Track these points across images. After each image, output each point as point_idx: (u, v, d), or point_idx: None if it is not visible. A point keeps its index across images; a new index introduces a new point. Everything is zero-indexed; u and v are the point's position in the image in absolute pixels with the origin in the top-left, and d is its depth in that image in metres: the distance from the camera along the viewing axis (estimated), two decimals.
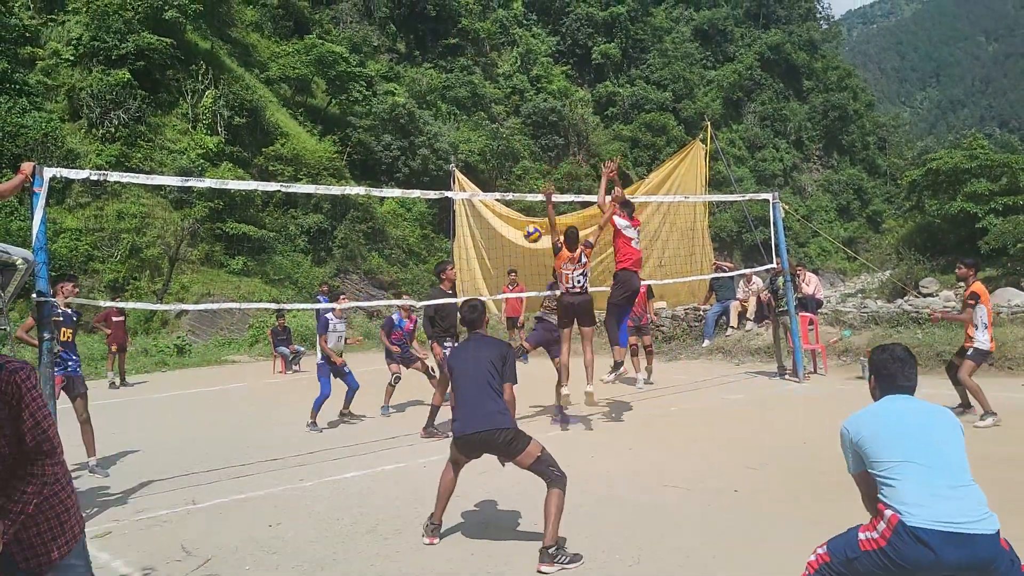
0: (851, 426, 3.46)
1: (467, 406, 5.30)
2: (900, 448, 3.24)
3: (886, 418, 3.39)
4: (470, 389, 5.34)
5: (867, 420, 3.42)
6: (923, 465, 3.19)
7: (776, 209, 12.27)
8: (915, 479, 3.15)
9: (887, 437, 3.30)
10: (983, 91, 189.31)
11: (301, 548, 5.41)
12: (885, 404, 3.49)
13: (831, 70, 77.16)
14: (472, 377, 5.36)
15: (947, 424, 3.37)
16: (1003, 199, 30.42)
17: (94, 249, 23.23)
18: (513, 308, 17.17)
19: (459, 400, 5.40)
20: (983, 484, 5.85)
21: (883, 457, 3.25)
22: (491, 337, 5.86)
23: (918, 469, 3.17)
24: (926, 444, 3.25)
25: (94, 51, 27.03)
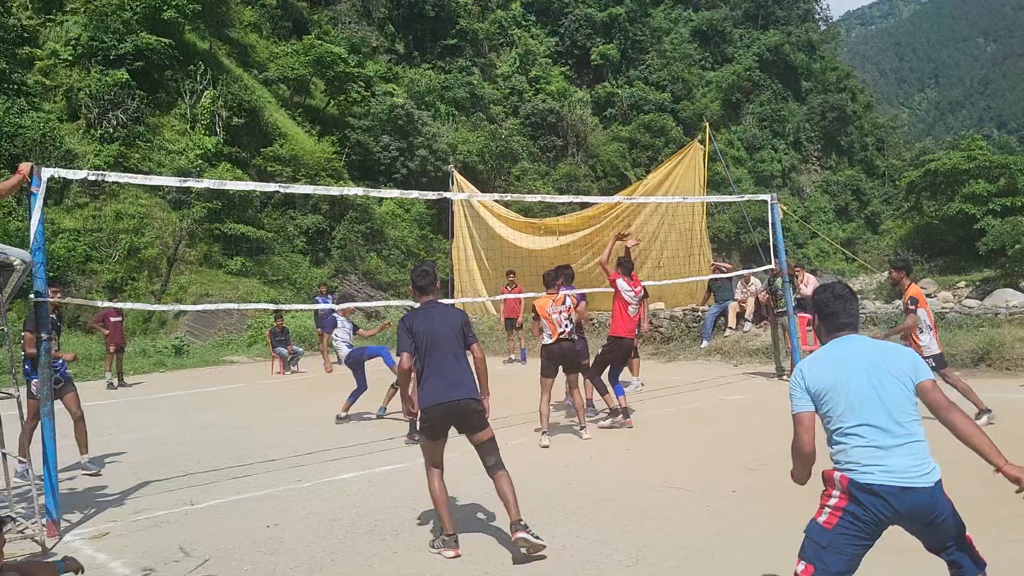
0: (809, 373, 3.50)
1: (443, 375, 5.29)
2: (859, 412, 3.34)
3: (846, 370, 3.43)
4: (443, 358, 5.33)
5: (826, 371, 3.46)
6: (877, 427, 3.32)
7: (774, 210, 12.27)
8: (869, 439, 3.31)
9: (847, 399, 3.38)
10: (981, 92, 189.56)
11: (299, 549, 5.40)
12: (839, 350, 3.55)
13: (830, 71, 77.20)
14: (442, 344, 5.35)
15: (899, 369, 3.43)
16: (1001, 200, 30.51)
17: (92, 249, 23.20)
18: (512, 309, 17.17)
19: (431, 368, 5.32)
20: (977, 484, 5.86)
21: (842, 419, 3.38)
22: (447, 305, 5.87)
23: (872, 431, 3.32)
24: (881, 406, 3.35)
25: (92, 51, 27.01)
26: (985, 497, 5.84)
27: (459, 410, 5.29)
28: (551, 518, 5.80)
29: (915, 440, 3.37)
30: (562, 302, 8.73)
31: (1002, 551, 4.77)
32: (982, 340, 11.79)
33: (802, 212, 58.36)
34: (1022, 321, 12.86)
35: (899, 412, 3.36)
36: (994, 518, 5.39)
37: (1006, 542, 4.90)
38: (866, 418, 3.33)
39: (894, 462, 3.28)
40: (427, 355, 5.34)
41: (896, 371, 3.42)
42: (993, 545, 4.87)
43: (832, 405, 3.41)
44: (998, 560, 4.61)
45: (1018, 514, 5.43)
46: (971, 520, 5.31)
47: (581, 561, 4.90)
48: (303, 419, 10.77)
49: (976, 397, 8.28)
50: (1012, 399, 9.71)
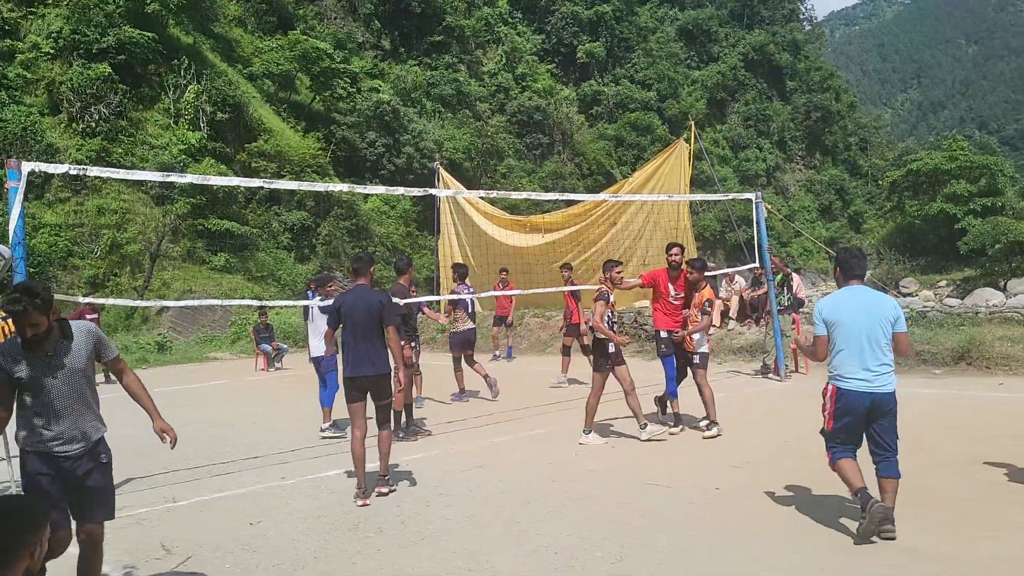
0: (826, 309, 5.25)
1: (356, 352, 6.41)
2: (855, 340, 5.06)
3: (850, 312, 5.12)
4: (358, 337, 6.41)
5: (839, 308, 5.19)
6: (862, 350, 5.04)
7: (759, 209, 12.32)
8: (855, 358, 5.06)
9: (847, 330, 5.10)
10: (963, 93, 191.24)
11: (282, 546, 5.38)
12: (849, 294, 5.23)
13: (814, 71, 77.70)
14: (358, 325, 6.40)
15: (885, 318, 5.09)
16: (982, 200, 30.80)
17: (73, 245, 23.00)
18: (503, 307, 17.20)
19: (349, 345, 6.44)
20: (952, 484, 5.91)
21: (840, 342, 5.13)
22: (374, 289, 6.76)
23: (860, 352, 5.05)
24: (869, 337, 5.05)
25: (74, 45, 26.75)
26: (961, 494, 5.90)
27: (366, 383, 6.45)
28: (535, 515, 5.80)
29: (885, 364, 5.06)
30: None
31: (976, 547, 4.81)
32: (962, 339, 11.90)
33: (786, 211, 58.69)
34: (1002, 320, 13.00)
35: (878, 345, 5.05)
36: (969, 514, 5.43)
37: (980, 538, 4.95)
38: (858, 344, 5.06)
39: (868, 376, 5.03)
40: (348, 332, 6.45)
41: (883, 317, 5.08)
42: (968, 540, 4.92)
43: (837, 332, 5.13)
44: (972, 556, 4.66)
45: (992, 511, 5.49)
46: (946, 517, 5.37)
47: (565, 558, 4.91)
48: (287, 416, 10.72)
49: (713, 409, 8.37)
50: (992, 397, 9.80)
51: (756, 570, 4.64)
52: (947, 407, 9.20)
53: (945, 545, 4.86)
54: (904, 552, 4.77)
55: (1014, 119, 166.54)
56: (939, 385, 10.75)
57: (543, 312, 19.48)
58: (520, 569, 4.78)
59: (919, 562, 4.62)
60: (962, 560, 4.62)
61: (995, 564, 4.54)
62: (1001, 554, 4.68)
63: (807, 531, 5.25)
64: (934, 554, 4.72)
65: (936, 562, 4.60)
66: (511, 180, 42.39)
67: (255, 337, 18.05)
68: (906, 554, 4.74)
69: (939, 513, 5.49)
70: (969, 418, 8.58)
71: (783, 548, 4.95)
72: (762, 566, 4.68)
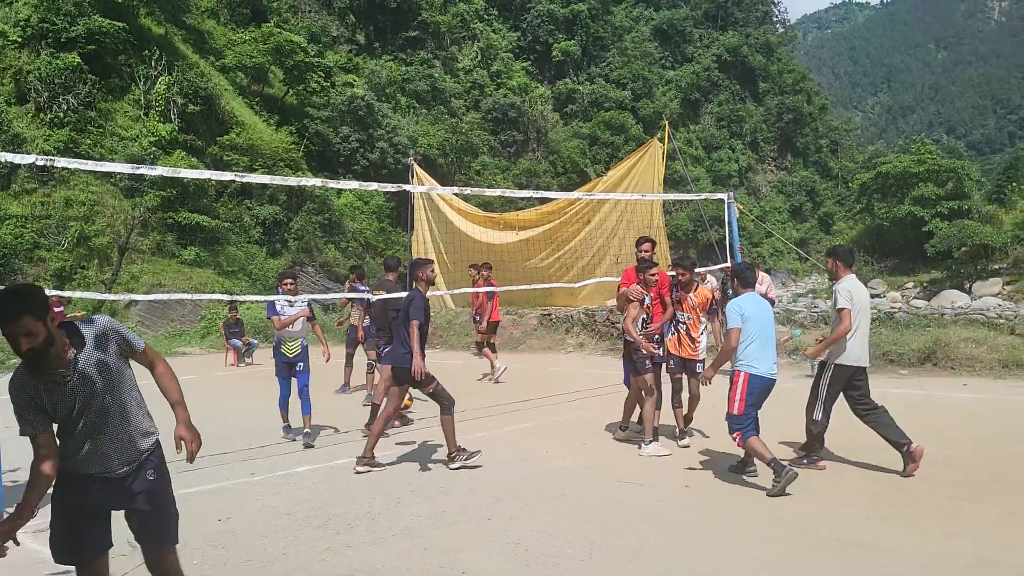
0: (745, 307, 6.40)
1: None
2: (760, 332, 6.38)
3: (757, 310, 6.44)
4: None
5: (750, 307, 6.42)
6: (765, 341, 6.40)
7: (731, 209, 12.44)
8: (760, 348, 6.36)
9: (755, 324, 6.36)
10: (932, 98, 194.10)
11: (251, 542, 5.34)
12: (752, 299, 6.55)
13: (786, 73, 78.44)
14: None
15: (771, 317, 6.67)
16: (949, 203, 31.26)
17: (40, 237, 22.62)
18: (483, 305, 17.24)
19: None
20: (924, 483, 6.00)
21: (751, 334, 6.35)
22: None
23: (762, 343, 6.38)
24: (768, 331, 6.46)
25: (43, 33, 26.27)
26: (931, 495, 5.99)
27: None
28: (507, 512, 5.81)
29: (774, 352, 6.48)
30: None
31: (946, 544, 4.89)
32: (928, 340, 12.09)
33: (758, 211, 59.23)
34: (967, 322, 13.21)
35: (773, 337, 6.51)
36: (939, 513, 5.52)
37: (956, 536, 5.03)
38: (763, 337, 6.39)
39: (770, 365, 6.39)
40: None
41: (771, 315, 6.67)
42: (938, 538, 5.00)
43: (750, 326, 6.34)
44: (952, 554, 4.74)
45: (966, 508, 5.58)
46: (918, 516, 5.45)
47: (536, 555, 4.92)
48: (257, 411, 10.63)
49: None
50: (957, 397, 9.97)
51: (726, 566, 4.68)
52: (915, 408, 9.32)
53: (918, 543, 4.93)
54: (877, 551, 4.84)
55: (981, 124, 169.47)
56: (906, 385, 10.91)
57: (516, 310, 19.51)
58: (491, 565, 4.79)
59: (893, 560, 4.69)
60: (929, 556, 4.70)
61: (978, 563, 4.62)
62: (981, 553, 4.76)
63: (774, 527, 5.31)
64: (907, 552, 4.79)
65: (907, 560, 4.67)
66: (485, 177, 42.36)
67: (225, 332, 17.89)
68: (878, 552, 4.81)
69: (911, 512, 5.57)
70: (937, 419, 8.72)
71: (752, 544, 5.00)
72: (731, 562, 4.73)
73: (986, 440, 7.56)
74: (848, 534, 5.14)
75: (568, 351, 16.83)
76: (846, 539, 5.04)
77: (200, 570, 4.88)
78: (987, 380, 10.94)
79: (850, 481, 6.42)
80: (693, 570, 4.65)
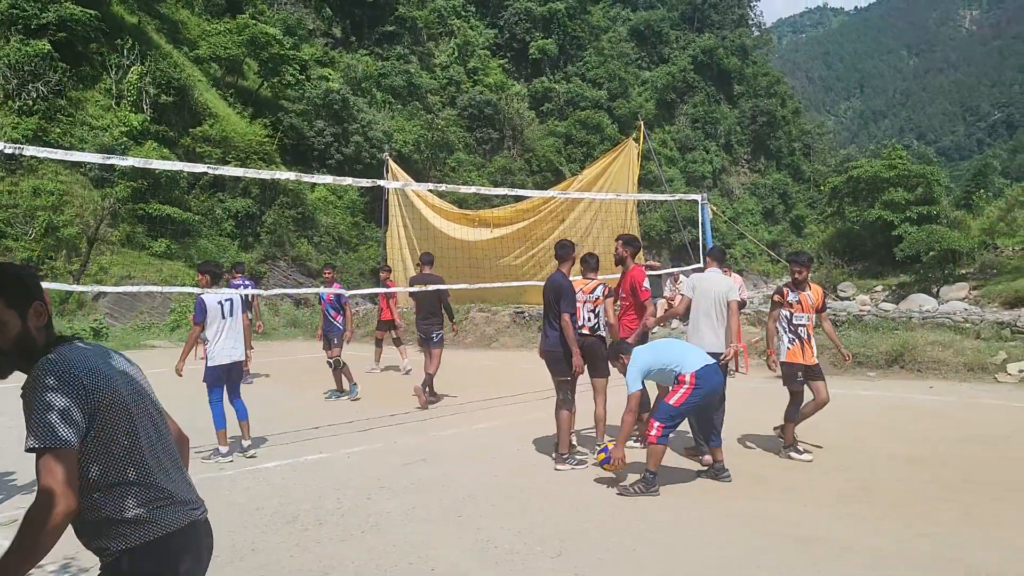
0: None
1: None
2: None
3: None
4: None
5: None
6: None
7: (704, 210, 12.53)
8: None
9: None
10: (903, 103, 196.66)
11: (219, 538, 5.27)
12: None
13: (761, 76, 79.06)
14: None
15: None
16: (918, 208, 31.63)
17: (7, 226, 22.24)
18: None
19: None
20: (889, 483, 6.09)
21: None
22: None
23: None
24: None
25: (12, 19, 25.81)
26: (896, 495, 6.08)
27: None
28: (477, 510, 5.82)
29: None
30: (591, 291, 7.46)
31: (914, 544, 4.97)
32: (896, 343, 12.26)
33: (731, 213, 59.69)
34: (934, 326, 13.42)
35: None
36: (902, 512, 5.61)
37: (916, 536, 5.11)
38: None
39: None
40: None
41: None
42: (898, 537, 5.08)
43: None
44: (909, 553, 4.82)
45: (929, 509, 5.67)
46: (883, 516, 5.53)
47: (505, 552, 4.93)
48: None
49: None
50: (922, 399, 10.12)
51: (691, 564, 4.72)
52: (883, 409, 9.48)
53: (882, 543, 5.01)
54: (843, 550, 4.91)
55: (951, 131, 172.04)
56: (874, 387, 11.06)
57: (488, 307, 19.52)
58: (461, 562, 4.80)
59: (857, 560, 4.75)
60: (898, 558, 4.77)
61: (930, 561, 4.70)
62: (938, 552, 4.84)
63: (743, 525, 5.37)
64: (871, 552, 4.86)
65: (873, 559, 4.74)
66: (460, 174, 42.29)
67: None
68: (846, 552, 4.87)
69: (877, 512, 5.65)
70: (904, 420, 8.85)
71: (725, 543, 5.05)
72: (700, 560, 4.77)
73: (952, 441, 7.69)
74: (809, 531, 5.20)
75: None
76: (805, 536, 5.10)
77: None
78: (952, 383, 11.12)
79: (817, 479, 6.50)
80: (661, 569, 4.69)
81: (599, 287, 7.51)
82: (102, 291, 20.34)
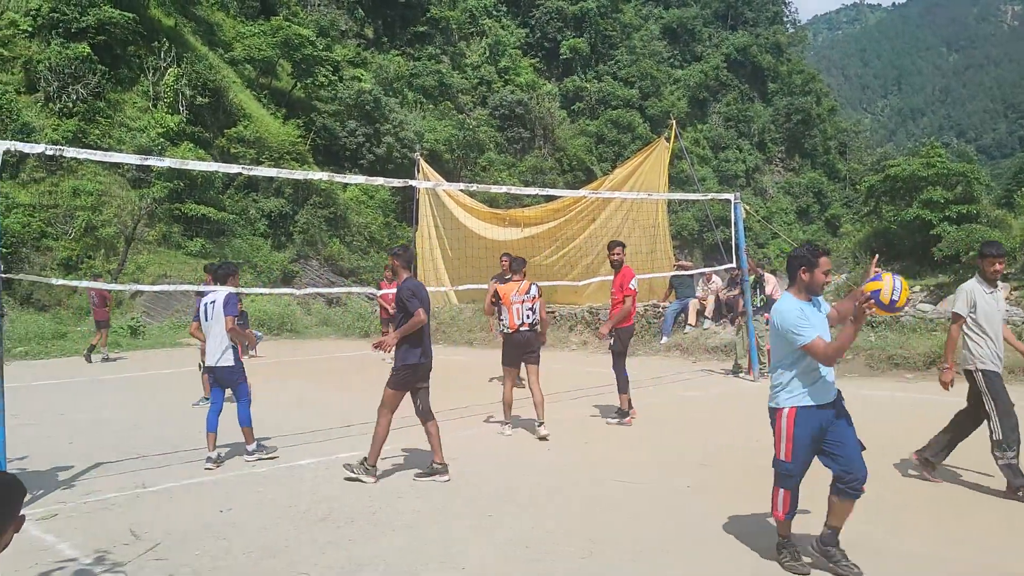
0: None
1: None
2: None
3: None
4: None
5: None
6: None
7: (737, 210, 12.41)
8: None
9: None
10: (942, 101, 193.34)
11: (252, 534, 5.36)
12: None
13: (796, 74, 78.08)
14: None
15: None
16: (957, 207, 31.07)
17: (48, 226, 22.71)
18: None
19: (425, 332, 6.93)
20: (921, 487, 5.98)
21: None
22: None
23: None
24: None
25: (53, 23, 26.36)
26: (933, 498, 5.98)
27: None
28: (504, 509, 5.83)
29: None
30: (526, 291, 8.48)
31: (949, 550, 4.89)
32: (935, 344, 12.04)
33: (764, 212, 59.06)
34: None
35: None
36: (941, 519, 5.52)
37: (952, 542, 5.03)
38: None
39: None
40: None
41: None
42: (942, 544, 4.99)
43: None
44: (945, 558, 4.74)
45: (965, 513, 5.57)
46: (918, 520, 5.44)
47: (535, 552, 4.93)
48: (258, 404, 10.62)
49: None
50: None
51: (721, 566, 4.69)
52: (920, 412, 9.31)
53: (916, 547, 4.93)
54: (875, 553, 4.84)
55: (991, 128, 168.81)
56: (909, 389, 10.89)
57: None
58: (490, 562, 4.80)
59: (889, 564, 4.69)
60: (933, 562, 4.70)
61: (965, 567, 4.62)
62: (971, 557, 4.76)
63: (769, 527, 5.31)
64: (904, 556, 4.79)
65: (907, 564, 4.67)
66: (491, 173, 42.34)
67: None
68: (877, 555, 4.81)
69: (910, 516, 5.57)
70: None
71: (753, 546, 5.00)
72: (729, 563, 4.73)
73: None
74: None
75: (571, 349, 16.84)
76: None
77: (202, 560, 4.90)
78: None
79: None
80: (692, 570, 4.66)
81: (533, 287, 8.53)
82: (139, 289, 20.66)
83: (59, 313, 21.00)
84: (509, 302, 8.41)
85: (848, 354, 12.63)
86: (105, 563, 4.88)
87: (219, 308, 7.78)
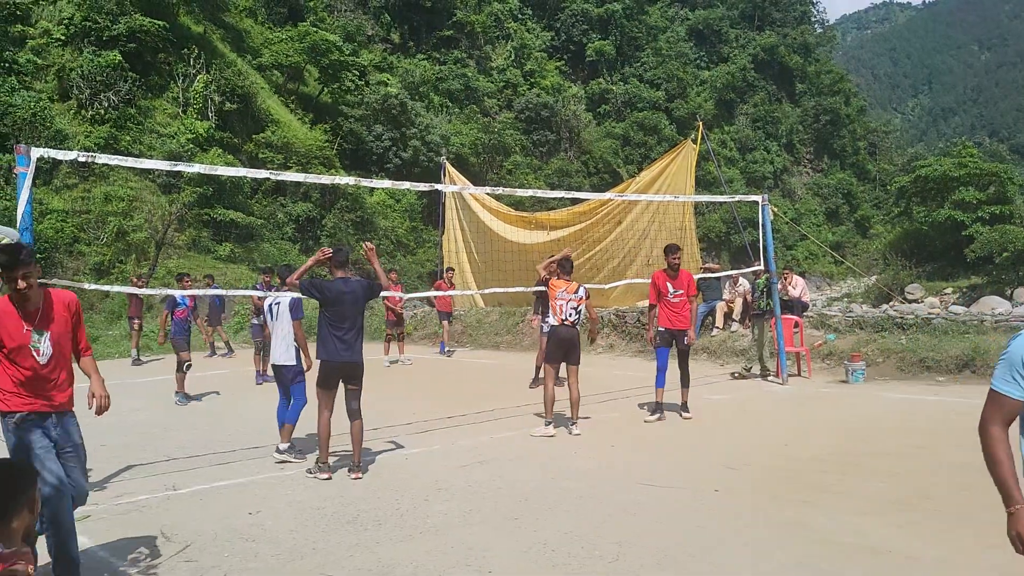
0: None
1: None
2: None
3: None
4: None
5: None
6: None
7: (765, 211, 12.32)
8: None
9: None
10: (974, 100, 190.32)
11: (280, 537, 5.40)
12: None
13: (824, 74, 77.29)
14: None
15: None
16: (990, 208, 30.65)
17: (80, 231, 23.06)
18: (445, 304, 17.62)
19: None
20: (954, 491, 5.88)
21: None
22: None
23: None
24: None
25: (85, 31, 26.81)
26: (962, 502, 5.89)
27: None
28: (533, 512, 5.82)
29: None
30: (574, 291, 8.71)
31: (984, 556, 4.80)
32: (967, 347, 11.85)
33: (792, 214, 58.52)
34: (1008, 329, 12.94)
35: None
36: (975, 524, 5.43)
37: (987, 548, 4.94)
38: None
39: None
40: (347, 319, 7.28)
41: None
42: (977, 550, 4.91)
43: None
44: (980, 565, 4.66)
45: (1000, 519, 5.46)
46: (945, 524, 5.35)
47: (562, 556, 4.91)
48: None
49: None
50: None
51: (751, 571, 4.64)
52: (951, 415, 9.17)
53: (949, 554, 4.86)
54: (902, 558, 4.77)
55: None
56: (943, 393, 10.73)
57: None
58: (517, 565, 4.80)
59: (917, 568, 4.62)
60: (960, 567, 4.62)
61: (993, 572, 4.54)
62: (1011, 567, 4.67)
63: (805, 534, 5.25)
64: (938, 562, 4.72)
65: (933, 568, 4.60)
66: (517, 177, 42.36)
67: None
68: (904, 560, 4.74)
69: (942, 522, 5.49)
70: (971, 427, 8.55)
71: (780, 550, 4.95)
72: (758, 568, 4.69)
73: None
74: (870, 541, 5.07)
75: (598, 352, 16.78)
76: (867, 545, 4.97)
77: (230, 562, 4.94)
78: None
79: (875, 487, 6.32)
80: (718, 574, 4.62)
81: (581, 288, 8.80)
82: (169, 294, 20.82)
83: (91, 318, 21.28)
84: (555, 297, 8.69)
85: (879, 357, 12.50)
86: (139, 565, 4.94)
87: (284, 310, 8.15)
